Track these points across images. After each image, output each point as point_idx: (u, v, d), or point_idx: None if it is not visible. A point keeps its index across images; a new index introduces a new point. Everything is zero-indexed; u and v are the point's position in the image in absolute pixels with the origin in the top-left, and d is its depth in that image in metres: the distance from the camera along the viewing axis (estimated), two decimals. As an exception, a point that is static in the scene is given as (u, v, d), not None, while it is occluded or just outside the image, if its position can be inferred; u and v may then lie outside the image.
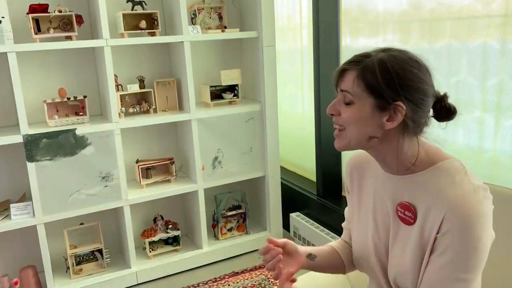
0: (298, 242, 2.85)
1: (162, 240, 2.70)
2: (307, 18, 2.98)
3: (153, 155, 2.74)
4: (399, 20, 2.23)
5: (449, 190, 0.95)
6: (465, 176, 0.97)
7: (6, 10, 2.06)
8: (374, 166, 1.13)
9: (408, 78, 0.95)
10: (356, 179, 1.20)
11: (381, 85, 0.95)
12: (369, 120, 0.98)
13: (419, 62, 0.98)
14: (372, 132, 0.99)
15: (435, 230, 0.96)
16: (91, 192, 2.36)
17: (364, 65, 0.97)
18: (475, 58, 1.85)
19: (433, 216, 0.97)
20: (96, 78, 2.54)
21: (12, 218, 2.25)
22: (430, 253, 0.98)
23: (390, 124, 0.97)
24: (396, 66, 0.95)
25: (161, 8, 2.61)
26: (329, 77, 2.68)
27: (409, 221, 1.02)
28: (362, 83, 0.97)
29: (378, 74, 0.95)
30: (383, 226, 1.10)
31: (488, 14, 1.78)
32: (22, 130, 2.18)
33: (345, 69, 1.01)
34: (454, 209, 0.93)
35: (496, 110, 1.82)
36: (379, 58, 0.97)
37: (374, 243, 1.11)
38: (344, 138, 1.03)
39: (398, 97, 0.95)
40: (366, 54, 1.00)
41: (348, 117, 1.00)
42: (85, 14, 2.42)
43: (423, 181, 1.01)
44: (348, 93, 0.99)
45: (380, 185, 1.11)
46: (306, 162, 3.19)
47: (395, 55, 0.97)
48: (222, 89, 2.70)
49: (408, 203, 1.02)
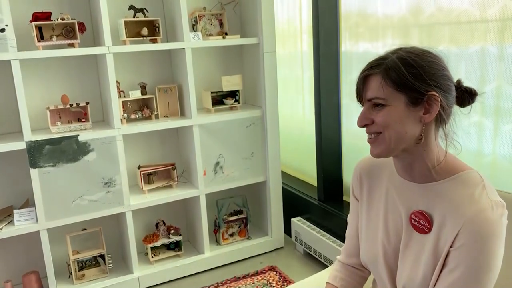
0: (300, 247, 2.86)
1: (164, 246, 2.71)
2: (307, 24, 3.01)
3: (155, 160, 2.76)
4: (399, 25, 2.25)
5: (467, 204, 0.95)
6: (484, 190, 0.96)
7: (9, 19, 2.09)
8: (386, 171, 1.13)
9: (432, 67, 0.96)
10: (366, 183, 1.18)
11: (409, 79, 0.95)
12: (406, 117, 0.97)
13: (433, 52, 1.00)
14: (412, 129, 0.97)
15: (449, 243, 0.96)
16: (93, 197, 2.38)
17: (385, 66, 0.97)
18: (473, 63, 1.87)
19: (448, 228, 0.96)
20: (98, 84, 2.57)
21: (15, 224, 2.26)
22: (442, 267, 0.97)
23: (428, 117, 0.97)
24: (417, 59, 0.96)
25: (163, 15, 2.64)
26: (329, 82, 2.70)
27: (423, 230, 1.01)
28: (391, 83, 0.96)
29: (404, 70, 0.95)
30: (394, 232, 1.09)
31: (486, 19, 1.80)
32: (25, 137, 2.20)
33: (367, 75, 1.00)
34: (470, 225, 0.92)
35: (495, 115, 1.83)
36: (398, 56, 0.97)
37: (383, 248, 1.10)
38: (383, 142, 0.99)
39: (429, 87, 0.95)
40: (382, 57, 1.00)
41: (385, 119, 0.97)
42: (88, 22, 2.45)
43: (441, 190, 1.00)
44: (378, 98, 0.98)
45: (393, 191, 1.10)
46: (307, 167, 3.20)
47: (410, 50, 0.99)
48: (223, 94, 2.72)
49: (424, 212, 1.01)
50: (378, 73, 0.98)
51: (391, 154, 1.02)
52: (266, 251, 2.90)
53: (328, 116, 2.74)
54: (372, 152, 1.03)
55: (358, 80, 1.02)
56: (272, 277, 2.59)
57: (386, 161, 1.13)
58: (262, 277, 2.60)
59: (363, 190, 1.19)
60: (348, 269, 1.27)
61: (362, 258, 1.19)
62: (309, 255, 2.81)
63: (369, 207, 1.17)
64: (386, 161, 1.13)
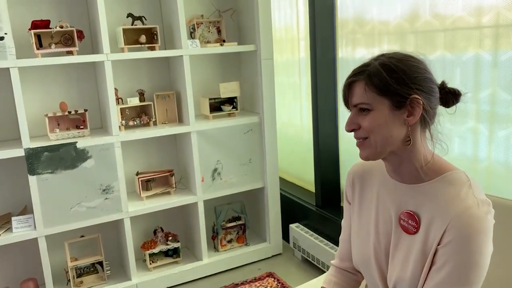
0: (298, 253, 2.86)
1: (162, 252, 2.71)
2: (304, 31, 3.03)
3: (153, 167, 2.77)
4: (395, 32, 2.27)
5: (453, 203, 0.97)
6: (470, 189, 0.99)
7: (9, 27, 2.10)
8: (377, 174, 1.15)
9: (413, 71, 1.00)
10: (358, 187, 1.21)
11: (391, 84, 0.98)
12: (391, 121, 1.00)
13: (414, 56, 1.03)
14: (397, 132, 1.01)
15: (437, 241, 0.98)
16: (91, 204, 2.38)
17: (368, 72, 1.01)
18: (468, 70, 1.89)
19: (436, 227, 0.98)
20: (96, 91, 2.58)
21: (13, 231, 2.26)
22: (430, 265, 0.99)
23: (412, 119, 1.00)
24: (398, 64, 0.99)
25: (161, 22, 2.66)
26: (326, 88, 2.72)
27: (411, 230, 1.04)
28: (373, 88, 0.99)
29: (385, 75, 0.98)
30: (384, 233, 1.11)
31: (481, 26, 1.82)
32: (23, 144, 2.21)
33: (352, 82, 1.04)
34: (457, 222, 0.95)
35: (490, 121, 1.85)
36: (380, 63, 1.01)
37: (374, 250, 1.12)
38: (369, 146, 1.03)
39: (411, 90, 0.98)
40: (365, 64, 1.04)
41: (370, 124, 1.01)
42: (86, 30, 2.47)
43: (429, 191, 1.02)
44: (363, 103, 1.01)
45: (384, 193, 1.12)
46: (305, 173, 3.21)
47: (392, 56, 1.03)
48: (221, 101, 2.74)
49: (412, 212, 1.04)
50: (362, 79, 1.01)
51: (379, 157, 1.05)
52: (264, 258, 2.90)
53: (325, 122, 2.75)
54: (361, 156, 1.06)
55: (344, 87, 1.06)
56: (270, 284, 2.59)
57: (378, 165, 1.16)
58: (260, 283, 2.60)
59: (355, 193, 1.22)
60: (343, 273, 1.29)
61: (354, 260, 1.21)
62: (307, 261, 2.81)
63: (360, 210, 1.20)
64: (378, 165, 1.15)
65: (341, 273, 1.29)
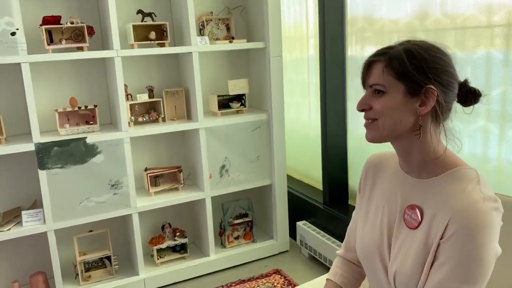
0: (305, 251, 2.87)
1: (170, 248, 2.73)
2: (313, 28, 3.02)
3: (161, 163, 2.78)
4: (405, 30, 2.26)
5: (458, 197, 0.96)
6: (477, 185, 0.97)
7: (20, 22, 2.12)
8: (390, 167, 1.15)
9: (435, 61, 0.98)
10: (371, 177, 1.21)
11: (410, 70, 0.97)
12: (402, 107, 0.99)
13: (441, 48, 1.02)
14: (407, 119, 1.00)
15: (439, 235, 0.96)
16: (100, 199, 2.40)
17: (390, 55, 1.00)
18: (479, 68, 1.87)
19: (438, 221, 0.97)
20: (106, 87, 2.60)
21: (23, 225, 2.29)
22: (433, 260, 0.98)
23: (423, 109, 0.98)
24: (422, 52, 0.98)
25: (170, 19, 2.67)
26: (335, 86, 2.71)
27: (413, 224, 1.03)
28: (392, 71, 0.99)
29: (406, 61, 0.97)
30: (388, 226, 1.10)
31: (492, 24, 1.80)
32: (34, 139, 2.23)
33: (372, 62, 1.03)
34: (459, 215, 0.93)
35: (501, 120, 1.83)
36: (404, 48, 0.99)
37: (378, 242, 1.12)
38: (376, 128, 1.02)
39: (428, 80, 0.97)
40: (389, 46, 1.03)
41: (382, 107, 1.00)
42: (96, 26, 2.48)
43: (436, 185, 1.01)
44: (378, 85, 1.01)
45: (394, 185, 1.12)
46: (313, 171, 3.20)
47: (418, 43, 1.01)
48: (229, 98, 2.74)
49: (416, 205, 1.04)
50: (382, 61, 1.01)
51: (384, 140, 1.04)
52: (271, 255, 2.91)
53: (334, 120, 2.75)
54: (367, 136, 1.06)
55: (363, 65, 1.05)
56: (277, 281, 2.59)
57: (393, 158, 1.15)
58: (267, 280, 2.61)
59: (367, 184, 1.22)
60: (348, 265, 1.29)
61: (358, 251, 1.20)
62: (314, 259, 2.81)
63: (369, 201, 1.19)
64: (394, 158, 1.15)
65: (346, 265, 1.30)
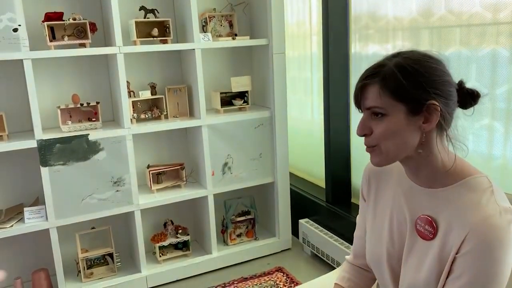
0: (307, 249, 2.86)
1: (172, 245, 2.73)
2: (317, 25, 3.00)
3: (164, 160, 2.77)
4: (409, 27, 2.24)
5: (474, 210, 0.92)
6: (492, 196, 0.94)
7: (22, 18, 2.11)
8: (395, 174, 1.11)
9: (431, 73, 0.93)
10: (374, 186, 1.17)
11: (408, 89, 0.92)
12: (406, 127, 0.94)
13: (432, 56, 0.96)
14: (412, 139, 0.95)
15: (455, 249, 0.93)
16: (102, 196, 2.40)
17: (383, 74, 0.93)
18: (484, 66, 1.86)
19: (454, 234, 0.94)
20: (109, 84, 2.59)
21: (25, 222, 2.29)
22: (448, 274, 0.95)
23: (428, 126, 0.94)
24: (416, 66, 0.92)
25: (173, 16, 2.65)
26: (338, 84, 2.70)
27: (428, 236, 1.00)
28: (389, 93, 0.93)
29: (402, 78, 0.92)
30: (398, 235, 1.08)
31: (498, 22, 1.79)
32: (36, 135, 2.22)
33: (364, 85, 0.96)
34: (477, 231, 0.90)
35: (506, 118, 1.82)
36: (395, 64, 0.93)
37: (387, 251, 1.09)
38: (380, 154, 0.97)
39: (428, 95, 0.92)
40: (379, 64, 0.97)
41: (384, 130, 0.95)
42: (99, 22, 2.47)
43: (448, 196, 0.97)
44: (377, 108, 0.95)
45: (400, 195, 1.08)
46: (315, 168, 3.19)
47: (409, 56, 0.95)
48: (232, 95, 2.73)
49: (430, 217, 1.00)
50: (376, 82, 0.94)
51: (391, 163, 1.00)
52: (273, 252, 2.90)
53: (337, 118, 2.74)
54: (372, 162, 1.01)
55: (356, 89, 0.98)
56: (279, 278, 2.59)
57: (395, 164, 1.12)
58: (269, 278, 2.61)
59: (370, 191, 1.19)
60: (356, 270, 1.28)
61: (367, 259, 1.19)
62: (317, 257, 2.81)
63: (375, 208, 1.17)
64: (396, 164, 1.12)
65: (354, 270, 1.28)
